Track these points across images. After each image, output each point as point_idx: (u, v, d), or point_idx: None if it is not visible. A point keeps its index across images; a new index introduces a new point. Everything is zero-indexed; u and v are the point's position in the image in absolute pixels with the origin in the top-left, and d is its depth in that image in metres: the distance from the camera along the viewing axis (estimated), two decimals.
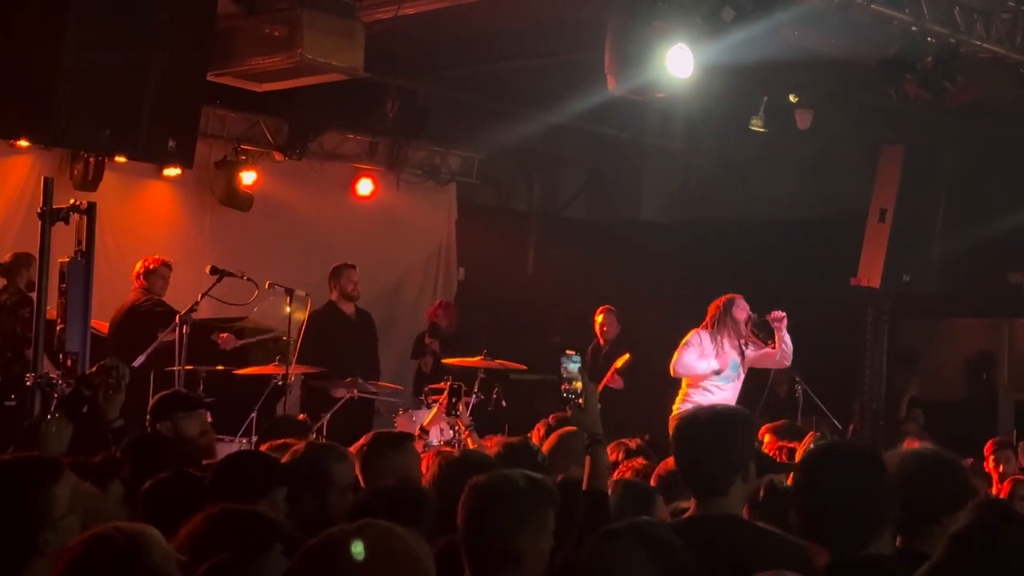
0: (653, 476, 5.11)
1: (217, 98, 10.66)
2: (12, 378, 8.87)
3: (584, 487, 3.82)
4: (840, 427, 9.24)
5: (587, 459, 3.85)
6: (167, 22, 8.05)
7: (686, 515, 3.75)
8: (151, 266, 9.73)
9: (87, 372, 5.36)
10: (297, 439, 5.79)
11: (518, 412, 9.85)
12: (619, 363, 10.63)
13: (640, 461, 5.61)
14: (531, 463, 5.14)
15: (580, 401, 3.89)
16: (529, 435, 6.13)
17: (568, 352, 3.91)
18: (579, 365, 3.90)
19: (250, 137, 12.04)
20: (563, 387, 3.89)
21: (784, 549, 3.42)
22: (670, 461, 4.78)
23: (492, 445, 5.53)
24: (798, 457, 5.39)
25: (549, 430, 5.94)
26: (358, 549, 2.89)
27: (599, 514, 3.70)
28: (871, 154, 12.17)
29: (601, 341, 11.32)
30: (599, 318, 11.34)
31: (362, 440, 5.00)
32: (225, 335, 9.77)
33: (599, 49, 8.13)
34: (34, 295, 9.20)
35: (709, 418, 3.75)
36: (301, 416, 8.31)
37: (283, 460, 4.64)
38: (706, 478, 3.67)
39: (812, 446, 5.94)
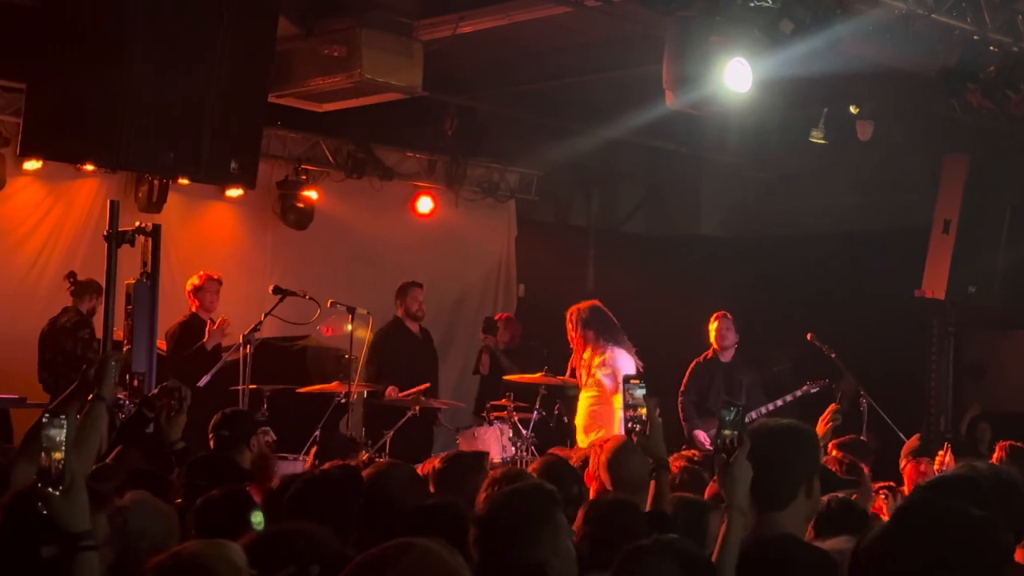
0: (707, 490, 5.08)
1: (278, 119, 10.77)
2: None
3: (648, 507, 3.91)
4: (904, 437, 9.08)
5: (652, 483, 3.96)
6: (228, 45, 8.14)
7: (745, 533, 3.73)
8: (199, 283, 9.85)
9: (149, 394, 5.41)
10: (348, 458, 5.86)
11: None
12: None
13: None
14: (573, 476, 5.19)
15: (647, 428, 3.96)
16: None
17: (632, 380, 3.96)
18: (644, 391, 3.96)
19: (311, 157, 12.15)
20: (627, 414, 3.95)
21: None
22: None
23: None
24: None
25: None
26: (257, 519, 2.91)
27: (662, 533, 3.72)
28: (933, 165, 12.04)
29: (717, 348, 10.40)
30: (714, 325, 10.46)
31: (435, 461, 5.04)
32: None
33: (656, 64, 8.12)
34: (95, 318, 9.41)
35: (776, 431, 3.74)
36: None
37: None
38: (768, 491, 3.64)
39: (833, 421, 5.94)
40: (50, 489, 2.85)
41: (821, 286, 12.85)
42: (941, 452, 6.79)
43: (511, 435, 9.56)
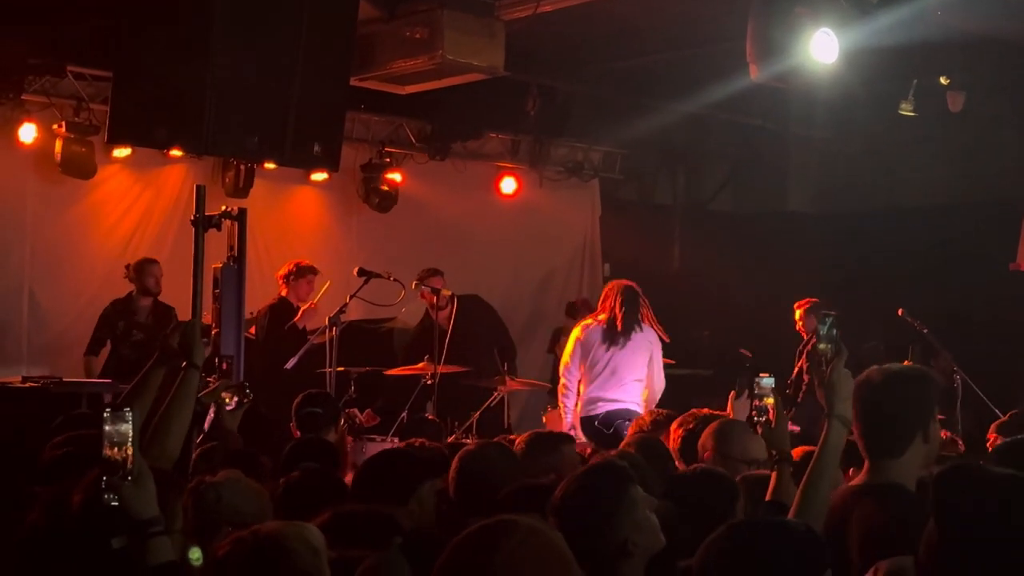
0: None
1: (361, 102, 10.80)
2: None
3: (768, 498, 3.89)
4: (1001, 415, 8.91)
5: (773, 474, 3.92)
6: (310, 30, 8.19)
7: (854, 481, 3.66)
8: (296, 272, 9.92)
9: (200, 394, 5.43)
10: (434, 440, 5.89)
11: (667, 406, 9.74)
12: None
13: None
14: (667, 453, 5.16)
15: (772, 420, 3.95)
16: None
17: (761, 374, 4.00)
18: (772, 382, 3.98)
19: (394, 140, 12.18)
20: (755, 403, 3.95)
21: None
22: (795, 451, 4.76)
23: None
24: None
25: (688, 432, 5.84)
26: (195, 555, 2.89)
27: None
28: None
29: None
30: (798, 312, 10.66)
31: (519, 440, 5.03)
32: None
33: (740, 39, 8.00)
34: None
35: (888, 377, 3.65)
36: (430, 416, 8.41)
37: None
38: (881, 439, 3.57)
39: None
40: (118, 478, 2.87)
41: (913, 261, 12.62)
42: None
43: None
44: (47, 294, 10.44)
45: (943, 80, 10.63)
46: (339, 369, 9.08)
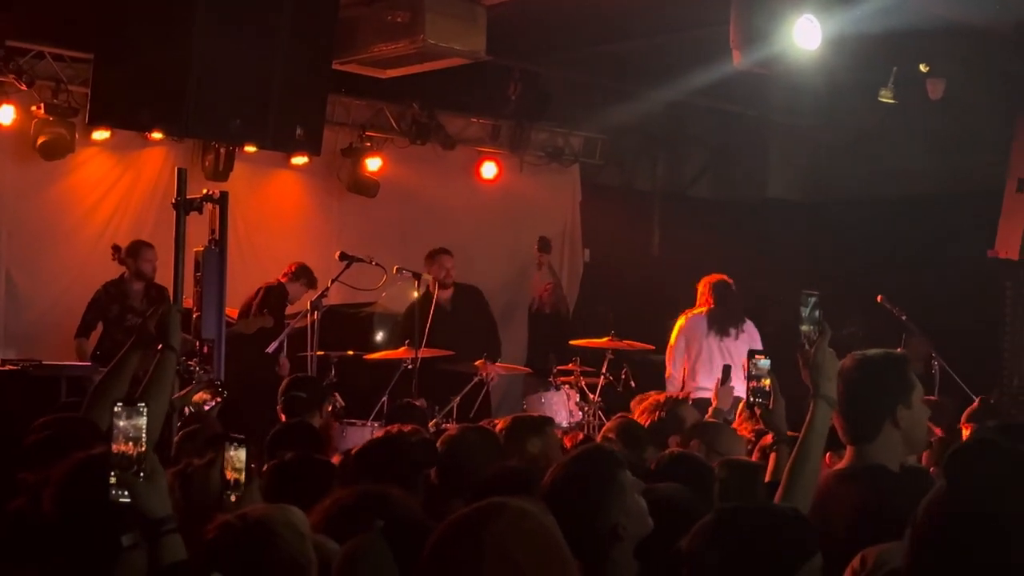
0: (756, 450, 5.06)
1: (342, 86, 10.77)
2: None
3: (767, 479, 3.95)
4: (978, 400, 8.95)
5: (772, 455, 3.97)
6: (291, 13, 8.16)
7: (838, 465, 3.70)
8: (303, 273, 9.97)
9: (173, 396, 5.41)
10: (417, 424, 5.90)
11: (647, 392, 9.77)
12: None
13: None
14: (647, 437, 5.20)
15: (769, 402, 3.96)
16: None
17: (757, 355, 3.99)
18: (769, 364, 3.98)
19: (375, 124, 12.13)
20: (750, 385, 3.95)
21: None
22: (769, 437, 4.79)
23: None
24: None
25: (660, 409, 5.87)
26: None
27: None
28: (1007, 124, 11.79)
29: None
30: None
31: (501, 423, 5.04)
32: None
33: (721, 25, 8.01)
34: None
35: (857, 364, 3.68)
36: (419, 401, 8.41)
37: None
38: (853, 425, 3.61)
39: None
40: (131, 475, 2.83)
41: (892, 249, 12.67)
42: None
43: (578, 400, 9.55)
44: (25, 277, 10.38)
45: (923, 68, 10.64)
46: (319, 353, 9.08)
